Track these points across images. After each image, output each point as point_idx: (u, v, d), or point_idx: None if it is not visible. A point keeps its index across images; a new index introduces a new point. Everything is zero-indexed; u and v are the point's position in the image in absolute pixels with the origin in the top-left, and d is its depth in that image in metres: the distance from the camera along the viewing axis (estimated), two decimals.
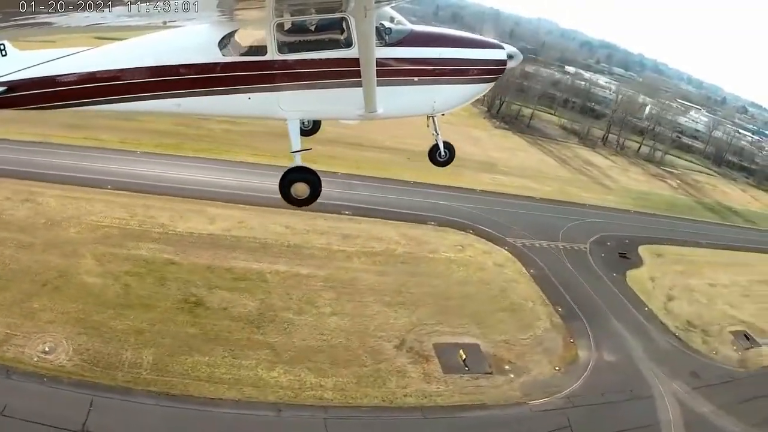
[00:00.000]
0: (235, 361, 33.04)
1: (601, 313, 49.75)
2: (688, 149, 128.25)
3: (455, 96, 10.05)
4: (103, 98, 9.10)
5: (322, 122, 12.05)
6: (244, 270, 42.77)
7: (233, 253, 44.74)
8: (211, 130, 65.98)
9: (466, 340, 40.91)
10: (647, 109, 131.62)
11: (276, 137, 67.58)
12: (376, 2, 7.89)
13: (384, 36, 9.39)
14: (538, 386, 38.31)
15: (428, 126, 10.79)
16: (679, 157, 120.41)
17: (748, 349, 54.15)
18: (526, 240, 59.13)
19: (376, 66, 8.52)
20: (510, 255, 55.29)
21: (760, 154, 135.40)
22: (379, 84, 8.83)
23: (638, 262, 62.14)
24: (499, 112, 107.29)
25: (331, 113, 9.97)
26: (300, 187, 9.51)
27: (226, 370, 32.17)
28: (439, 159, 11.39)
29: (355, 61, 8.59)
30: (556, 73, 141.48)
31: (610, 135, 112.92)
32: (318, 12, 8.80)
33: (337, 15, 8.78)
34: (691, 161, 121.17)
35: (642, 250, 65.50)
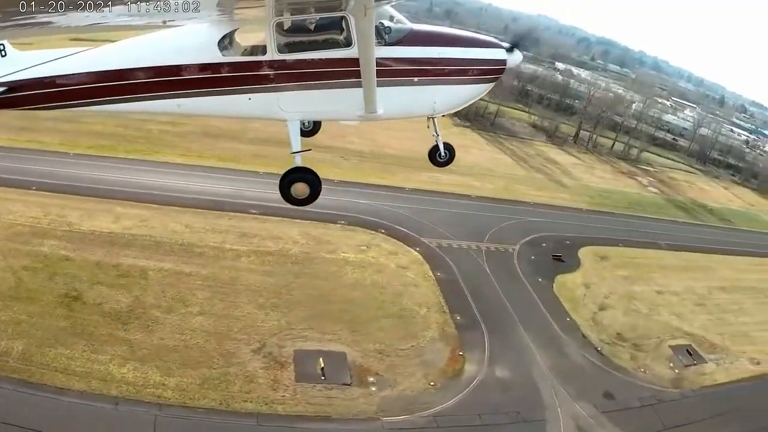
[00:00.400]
0: (93, 355, 33.40)
1: (509, 323, 44.49)
2: (672, 147, 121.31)
3: (456, 96, 9.88)
4: (102, 98, 9.06)
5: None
6: (130, 267, 42.25)
7: (126, 250, 44.17)
8: (149, 131, 65.18)
9: (334, 347, 37.43)
10: (633, 106, 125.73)
11: (210, 138, 67.62)
12: (375, 1, 7.77)
13: (384, 35, 9.24)
14: (402, 402, 34.44)
15: (428, 127, 10.81)
16: (659, 155, 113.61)
17: (688, 366, 47.92)
18: (444, 240, 54.22)
19: (376, 66, 8.45)
20: (419, 257, 50.52)
21: (754, 152, 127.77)
22: (379, 84, 8.74)
23: (574, 266, 56.47)
24: (464, 109, 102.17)
25: (331, 114, 9.87)
26: (300, 187, 9.46)
27: (81, 363, 32.71)
28: (439, 160, 11.45)
29: (355, 61, 8.55)
30: (539, 68, 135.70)
31: (584, 132, 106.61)
32: (318, 11, 8.70)
33: (337, 14, 8.69)
34: (672, 159, 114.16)
35: (583, 252, 59.79)
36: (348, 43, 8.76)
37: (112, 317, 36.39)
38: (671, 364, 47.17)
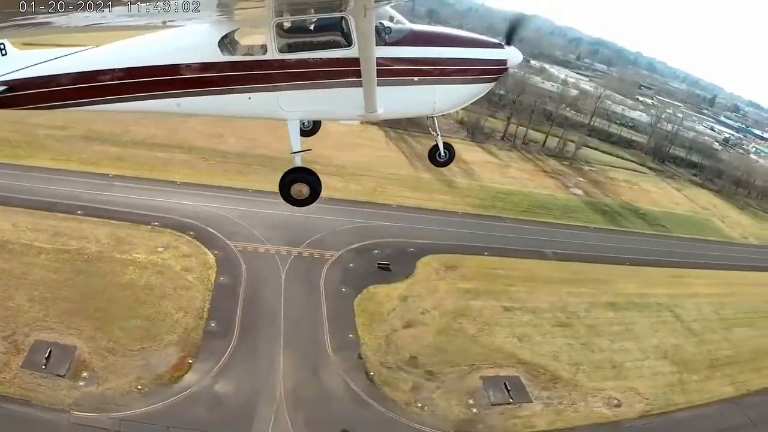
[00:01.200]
0: None
1: (269, 335, 40.78)
2: (628, 144, 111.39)
3: (456, 96, 9.96)
4: (102, 98, 9.14)
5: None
6: None
7: None
8: (36, 135, 66.12)
9: (71, 341, 38.04)
10: (597, 102, 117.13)
11: (87, 141, 68.11)
12: (375, 1, 7.84)
13: (384, 35, 9.33)
14: (100, 400, 34.08)
15: (428, 126, 11.06)
16: (609, 153, 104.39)
17: (496, 405, 39.38)
18: (254, 244, 50.86)
19: (376, 66, 8.53)
20: (213, 261, 47.62)
21: (731, 150, 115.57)
22: (379, 84, 8.83)
23: (401, 276, 51.19)
24: None
25: (331, 113, 9.97)
26: (299, 187, 9.46)
27: None
28: (438, 159, 11.46)
29: (355, 61, 8.66)
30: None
31: (519, 128, 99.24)
32: (318, 11, 8.82)
33: (337, 14, 8.79)
34: (622, 157, 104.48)
35: (426, 260, 54.41)
36: (348, 43, 8.83)
37: None
38: (471, 401, 39.30)
